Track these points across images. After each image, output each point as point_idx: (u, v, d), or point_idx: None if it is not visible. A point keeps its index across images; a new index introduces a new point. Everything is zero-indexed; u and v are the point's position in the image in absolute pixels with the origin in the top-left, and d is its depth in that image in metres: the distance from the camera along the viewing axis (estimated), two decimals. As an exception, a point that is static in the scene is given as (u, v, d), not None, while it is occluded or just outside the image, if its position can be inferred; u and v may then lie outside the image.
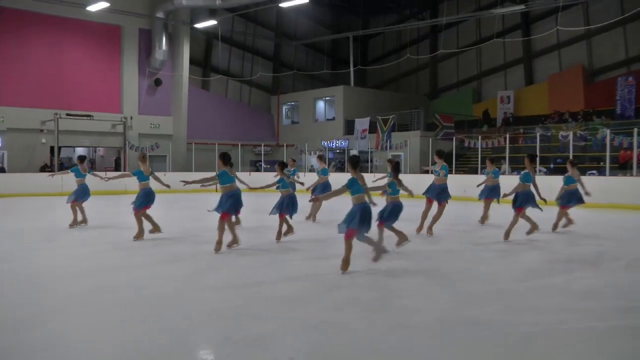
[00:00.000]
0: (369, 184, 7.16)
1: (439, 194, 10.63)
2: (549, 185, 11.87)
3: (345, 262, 6.99)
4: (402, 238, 8.34)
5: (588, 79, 26.13)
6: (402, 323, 5.02)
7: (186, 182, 8.79)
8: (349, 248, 7.00)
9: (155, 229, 9.93)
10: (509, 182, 12.90)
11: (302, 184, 12.41)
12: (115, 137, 26.97)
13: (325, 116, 32.59)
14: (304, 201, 10.37)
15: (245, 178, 15.80)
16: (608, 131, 18.05)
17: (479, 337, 4.68)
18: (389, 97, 31.65)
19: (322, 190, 13.21)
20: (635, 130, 17.10)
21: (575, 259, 8.21)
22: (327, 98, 32.36)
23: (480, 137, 22.17)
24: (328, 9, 34.44)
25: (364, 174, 7.40)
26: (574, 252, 8.95)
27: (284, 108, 34.38)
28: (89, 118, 25.82)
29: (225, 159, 8.48)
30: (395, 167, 8.20)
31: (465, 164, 24.82)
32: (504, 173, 17.50)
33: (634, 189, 16.01)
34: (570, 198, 10.92)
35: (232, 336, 4.65)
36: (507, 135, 21.41)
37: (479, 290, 6.24)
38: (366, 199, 6.96)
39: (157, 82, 27.87)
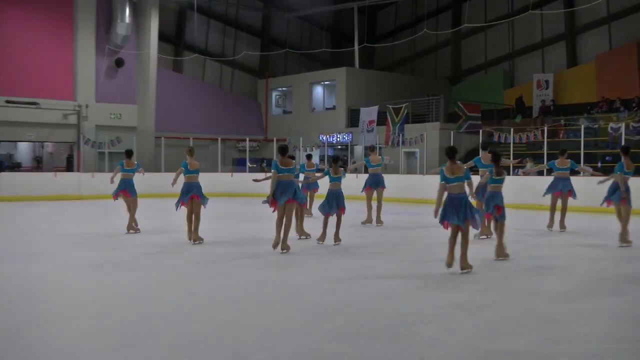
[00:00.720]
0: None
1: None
2: (595, 187, 12.02)
3: (448, 257, 8.39)
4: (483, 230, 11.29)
5: (644, 60, 26.23)
6: (417, 355, 5.05)
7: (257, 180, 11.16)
8: (449, 243, 8.39)
9: (193, 236, 11.19)
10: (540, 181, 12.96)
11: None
12: (68, 130, 26.96)
13: (324, 105, 32.62)
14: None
15: (227, 179, 15.97)
16: (668, 123, 18.14)
17: (510, 373, 4.71)
18: (401, 82, 31.72)
19: (373, 182, 14.24)
20: (701, 121, 17.19)
21: (627, 278, 8.27)
22: (326, 82, 32.38)
23: (512, 129, 22.23)
24: (328, -27, 34.54)
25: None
26: (626, 269, 9.01)
27: (274, 95, 34.38)
28: (34, 106, 25.81)
29: (281, 150, 10.09)
30: (494, 158, 9.62)
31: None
32: (527, 174, 17.71)
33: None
34: None
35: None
36: (546, 128, 21.48)
37: (509, 315, 6.28)
38: (465, 190, 8.42)
39: (119, 63, 27.85)
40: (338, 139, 29.56)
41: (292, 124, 31.86)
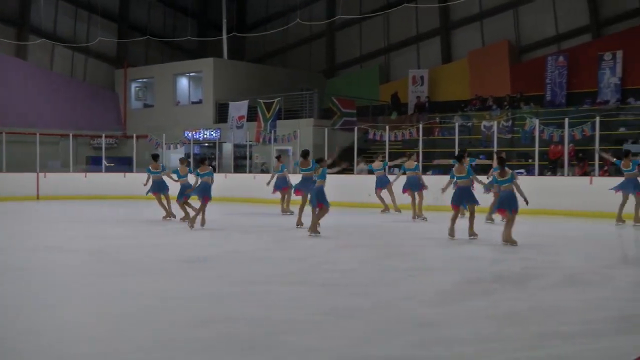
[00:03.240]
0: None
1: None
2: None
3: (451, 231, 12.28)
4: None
5: (515, 58, 28.05)
6: (289, 365, 5.15)
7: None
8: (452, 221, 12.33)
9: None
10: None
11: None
12: None
13: (190, 98, 32.24)
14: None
15: (80, 180, 15.68)
16: (537, 121, 19.53)
17: (384, 378, 4.91)
18: (273, 75, 31.94)
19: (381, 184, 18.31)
20: (567, 120, 18.67)
21: (497, 278, 8.88)
22: (192, 74, 32.01)
23: (388, 127, 22.96)
24: (193, -46, 34.21)
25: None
26: (496, 269, 9.68)
27: (134, 86, 33.54)
28: None
29: (303, 154, 15.24)
30: (500, 161, 11.82)
31: (370, 160, 25.58)
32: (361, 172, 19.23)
33: (565, 191, 17.48)
34: None
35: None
36: (421, 125, 22.35)
37: (383, 319, 6.54)
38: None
39: (-50, 47, 26.20)
40: (205, 136, 29.27)
41: (154, 118, 31.18)
